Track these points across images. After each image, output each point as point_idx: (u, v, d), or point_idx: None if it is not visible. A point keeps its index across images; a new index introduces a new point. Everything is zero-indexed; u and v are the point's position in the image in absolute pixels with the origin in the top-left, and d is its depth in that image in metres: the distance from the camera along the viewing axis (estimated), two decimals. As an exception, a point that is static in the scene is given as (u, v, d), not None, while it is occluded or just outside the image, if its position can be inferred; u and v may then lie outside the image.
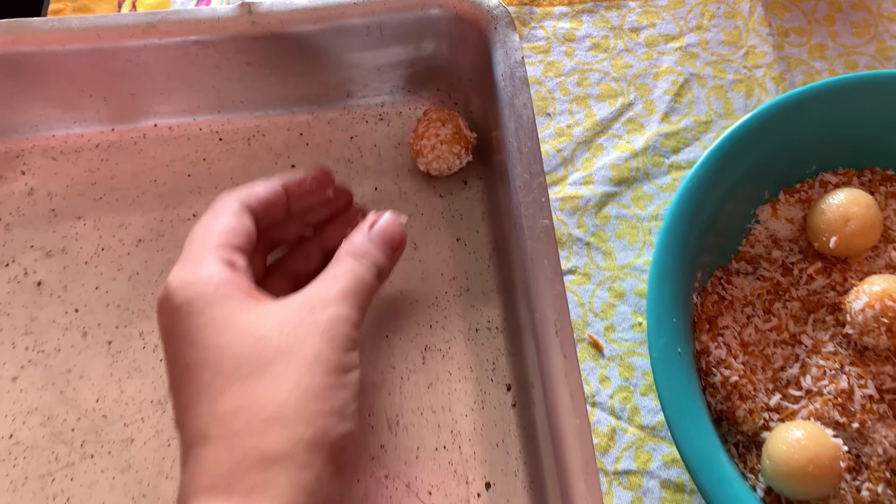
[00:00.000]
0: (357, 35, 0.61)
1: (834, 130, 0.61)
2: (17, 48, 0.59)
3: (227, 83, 0.63)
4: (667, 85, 0.68)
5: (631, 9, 0.71)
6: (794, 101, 0.59)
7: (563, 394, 0.49)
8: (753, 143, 0.58)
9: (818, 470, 0.49)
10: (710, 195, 0.57)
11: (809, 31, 0.70)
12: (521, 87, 0.56)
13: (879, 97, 0.60)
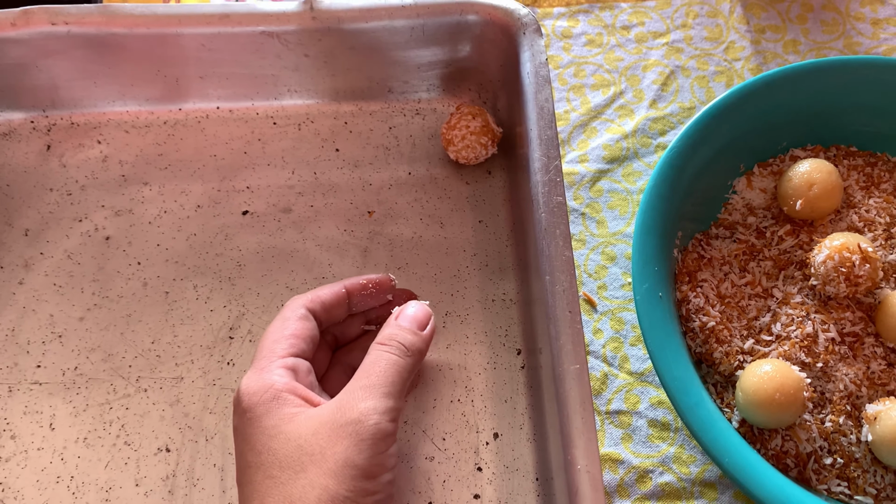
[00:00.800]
0: (402, 35, 0.54)
1: (801, 109, 0.52)
2: (109, 29, 0.53)
3: (284, 72, 0.56)
4: (654, 76, 0.59)
5: (622, 9, 0.61)
6: (764, 82, 0.51)
7: (567, 342, 0.43)
8: (729, 120, 0.51)
9: (784, 398, 0.43)
10: (689, 163, 0.49)
11: (784, 29, 0.60)
12: (544, 85, 0.49)
13: (840, 80, 0.52)
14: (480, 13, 0.51)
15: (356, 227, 0.54)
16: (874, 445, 0.43)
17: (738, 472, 0.41)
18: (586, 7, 0.61)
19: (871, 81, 0.51)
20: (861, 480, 0.44)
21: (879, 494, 0.44)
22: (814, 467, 0.44)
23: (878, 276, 0.45)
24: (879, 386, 0.45)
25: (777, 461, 0.44)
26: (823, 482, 0.44)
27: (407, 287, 0.52)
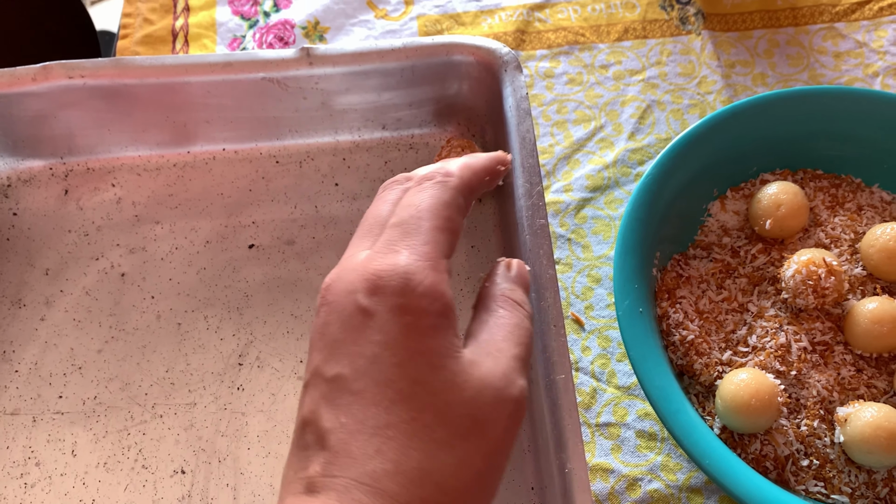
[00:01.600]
0: (394, 76, 0.57)
1: (768, 137, 0.56)
2: (121, 80, 0.56)
3: (285, 114, 0.60)
4: (632, 110, 0.63)
5: (601, 49, 0.66)
6: (731, 113, 0.54)
7: (553, 354, 0.45)
8: (699, 148, 0.54)
9: (759, 403, 0.46)
10: (664, 189, 0.53)
11: (752, 63, 0.64)
12: (525, 117, 0.52)
13: (804, 109, 0.56)
14: (466, 53, 0.55)
15: (356, 258, 0.57)
16: (846, 446, 0.46)
17: (719, 473, 0.44)
18: (566, 49, 0.66)
19: (833, 109, 0.55)
20: (836, 480, 0.46)
21: (854, 493, 0.46)
22: (792, 469, 0.47)
23: (843, 287, 0.49)
24: (850, 391, 0.48)
25: (757, 464, 0.47)
26: (801, 483, 0.47)
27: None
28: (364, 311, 0.31)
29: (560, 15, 0.67)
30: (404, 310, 0.31)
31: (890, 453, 0.44)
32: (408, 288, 0.31)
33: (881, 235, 0.50)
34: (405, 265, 0.32)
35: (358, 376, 0.31)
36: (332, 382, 0.31)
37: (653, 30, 0.66)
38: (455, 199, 0.35)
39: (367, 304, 0.31)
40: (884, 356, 0.49)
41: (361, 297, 0.32)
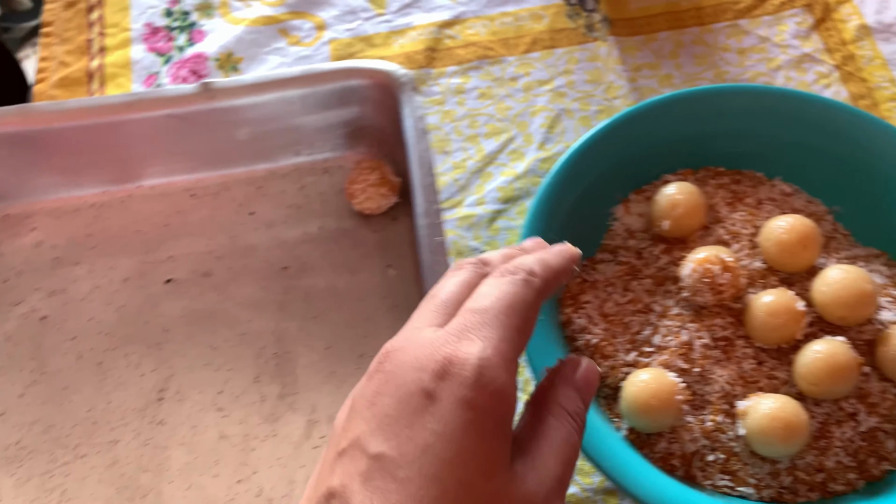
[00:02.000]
0: (296, 104, 0.59)
1: (668, 138, 0.57)
2: (28, 126, 0.58)
3: (197, 147, 0.61)
4: (542, 120, 0.64)
5: (510, 62, 0.67)
6: (629, 117, 0.55)
7: None
8: (596, 155, 0.55)
9: (659, 403, 0.47)
10: (563, 198, 0.53)
11: (658, 66, 0.66)
12: (423, 136, 0.54)
13: (701, 108, 0.56)
14: (365, 77, 0.56)
15: (272, 283, 0.58)
16: (747, 439, 0.47)
17: (617, 473, 0.44)
18: (476, 63, 0.67)
19: (730, 107, 0.56)
20: (742, 473, 0.47)
21: (759, 484, 0.47)
22: (698, 465, 0.48)
23: (740, 283, 0.49)
24: (752, 383, 0.49)
25: (664, 463, 0.48)
26: (709, 478, 0.47)
27: (322, 334, 0.56)
28: (427, 394, 0.30)
29: (470, 31, 0.68)
30: (470, 405, 0.29)
31: (787, 443, 0.45)
32: (479, 383, 0.30)
33: (776, 228, 0.50)
34: (480, 358, 0.30)
35: (404, 463, 0.29)
36: (374, 460, 0.29)
37: (560, 39, 0.67)
38: (536, 302, 0.34)
39: (432, 387, 0.30)
40: (783, 347, 0.49)
41: (427, 378, 0.30)
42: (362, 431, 0.30)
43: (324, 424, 0.53)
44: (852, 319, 0.48)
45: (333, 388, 0.54)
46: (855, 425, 0.48)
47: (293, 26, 0.70)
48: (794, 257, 0.50)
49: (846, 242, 0.55)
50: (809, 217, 0.56)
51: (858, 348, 0.50)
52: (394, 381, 0.30)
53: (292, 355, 0.55)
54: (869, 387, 0.48)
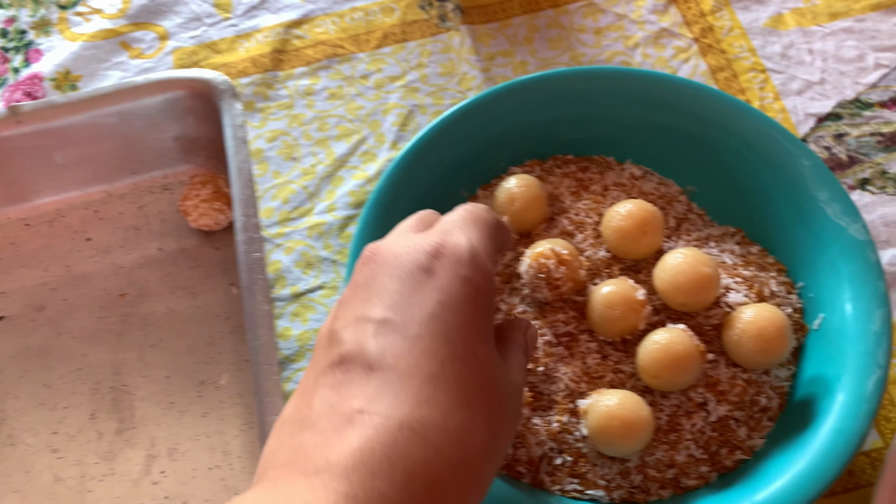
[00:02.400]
0: (114, 121, 0.55)
1: (512, 128, 0.54)
2: None
3: (23, 175, 0.58)
4: (394, 118, 0.61)
5: (360, 59, 0.64)
6: (465, 110, 0.53)
7: (265, 395, 0.43)
8: (435, 151, 0.52)
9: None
10: (398, 201, 0.51)
11: (513, 52, 0.63)
12: (241, 146, 0.51)
13: (543, 95, 0.54)
14: (182, 88, 0.53)
15: (109, 313, 0.55)
16: (590, 439, 0.44)
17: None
18: (326, 63, 0.64)
19: (571, 91, 0.53)
20: (591, 475, 0.45)
21: (609, 485, 0.45)
22: (546, 469, 0.46)
23: (579, 276, 0.47)
24: (597, 379, 0.47)
25: (510, 470, 0.46)
26: (557, 483, 0.45)
27: (162, 363, 0.53)
28: (425, 270, 0.31)
29: (318, 29, 0.65)
30: (467, 281, 0.32)
31: (628, 441, 0.43)
32: (473, 263, 0.32)
33: (615, 216, 0.48)
34: (470, 244, 0.33)
35: (413, 325, 0.30)
36: (381, 324, 0.30)
37: (412, 31, 0.65)
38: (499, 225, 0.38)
39: (429, 264, 0.32)
40: (628, 339, 0.47)
41: (423, 257, 0.32)
42: (360, 307, 0.31)
43: (163, 458, 0.50)
44: (694, 305, 0.46)
45: (173, 419, 0.51)
46: (705, 415, 0.46)
47: (135, 38, 0.66)
48: (635, 244, 0.48)
49: (700, 223, 0.53)
50: (661, 199, 0.54)
51: (707, 334, 0.48)
52: (388, 265, 0.32)
53: (130, 388, 0.52)
54: (717, 374, 0.46)
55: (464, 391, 0.30)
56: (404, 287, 0.31)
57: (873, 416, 0.42)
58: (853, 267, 0.47)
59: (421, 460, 0.27)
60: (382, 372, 0.29)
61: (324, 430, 0.28)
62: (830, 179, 0.49)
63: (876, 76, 0.61)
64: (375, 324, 0.30)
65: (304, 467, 0.27)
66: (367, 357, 0.30)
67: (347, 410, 0.28)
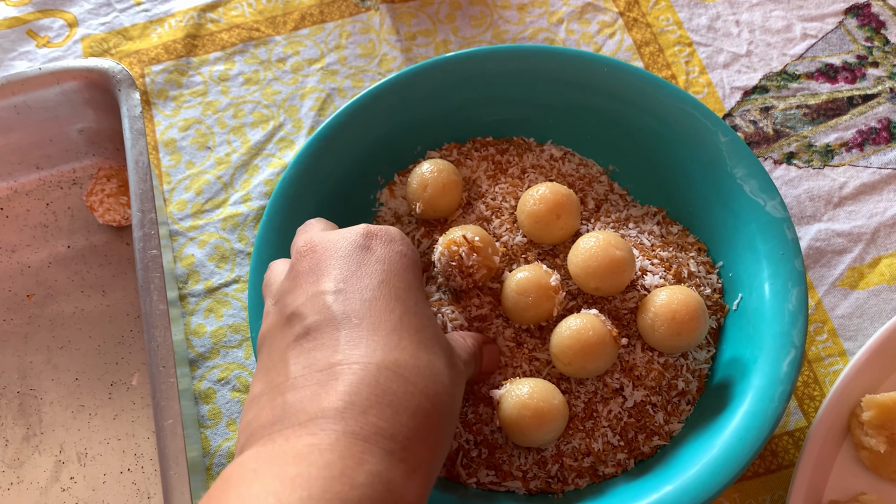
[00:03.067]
0: (10, 115, 0.52)
1: (425, 112, 0.52)
2: None
3: None
4: (311, 102, 0.60)
5: (277, 42, 0.62)
6: (374, 95, 0.51)
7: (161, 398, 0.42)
8: (343, 138, 0.50)
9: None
10: (308, 191, 0.49)
11: (434, 32, 0.62)
12: (139, 138, 0.48)
13: (456, 76, 0.52)
14: (78, 79, 0.50)
15: (15, 315, 0.53)
16: (504, 430, 0.43)
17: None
18: (241, 47, 0.62)
19: (486, 72, 0.52)
20: (507, 466, 0.44)
21: (526, 475, 0.44)
22: (463, 462, 0.45)
23: (493, 262, 0.46)
24: (514, 367, 0.46)
25: (426, 465, 0.45)
26: (473, 475, 0.44)
27: (71, 365, 0.51)
28: (364, 248, 0.35)
29: (234, 12, 0.63)
30: (403, 255, 0.36)
31: (540, 431, 0.42)
32: (404, 242, 0.37)
33: (529, 200, 0.47)
34: (396, 230, 0.37)
35: (367, 290, 0.34)
36: (338, 293, 0.34)
37: (331, 12, 0.63)
38: None
39: (366, 243, 0.36)
40: (544, 325, 0.46)
41: (361, 239, 0.36)
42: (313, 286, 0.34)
43: (73, 464, 0.48)
44: (608, 289, 0.45)
45: (82, 423, 0.49)
46: (622, 401, 0.45)
47: (42, 26, 0.64)
48: (549, 227, 0.47)
49: (622, 203, 0.52)
50: (581, 180, 0.53)
51: (623, 318, 0.47)
52: (328, 251, 0.35)
53: (38, 392, 0.50)
54: (633, 359, 0.45)
55: (423, 338, 0.33)
56: (349, 264, 0.35)
57: (788, 398, 0.42)
58: (770, 245, 0.46)
59: (402, 394, 0.31)
60: (352, 329, 0.32)
61: (307, 386, 0.31)
62: (748, 155, 0.48)
63: (803, 47, 0.60)
64: (332, 294, 0.33)
65: (297, 419, 0.30)
66: (332, 322, 0.32)
67: (326, 365, 0.31)
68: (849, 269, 0.53)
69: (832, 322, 0.52)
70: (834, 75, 0.59)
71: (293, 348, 0.32)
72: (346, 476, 0.28)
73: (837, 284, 0.53)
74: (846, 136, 0.57)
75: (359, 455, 0.28)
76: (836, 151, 0.56)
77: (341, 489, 0.27)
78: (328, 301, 0.33)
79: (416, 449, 0.30)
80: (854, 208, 0.55)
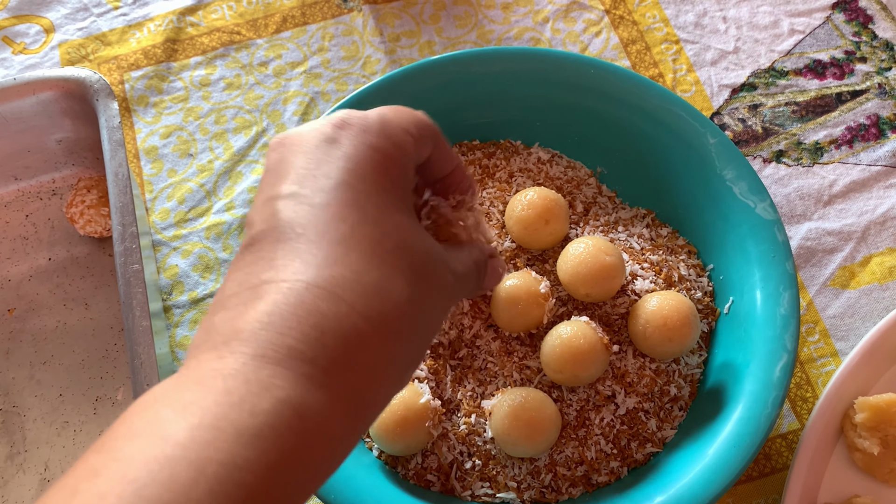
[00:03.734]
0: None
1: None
2: None
3: None
4: (294, 107, 0.59)
5: (259, 45, 0.61)
6: (357, 99, 0.49)
7: None
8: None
9: (408, 426, 0.43)
10: None
11: (418, 32, 0.61)
12: (118, 149, 0.48)
13: (441, 79, 0.52)
14: (54, 89, 0.49)
15: (-4, 331, 0.52)
16: (496, 441, 0.43)
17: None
18: (222, 51, 0.61)
19: (472, 74, 0.51)
20: (501, 477, 0.44)
21: (520, 486, 0.44)
22: (457, 475, 0.44)
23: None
24: (505, 377, 0.45)
25: (420, 479, 0.44)
26: (468, 488, 0.44)
27: (54, 381, 0.50)
28: (330, 140, 0.31)
29: (214, 15, 0.62)
30: (374, 147, 0.31)
31: (533, 441, 0.42)
32: (382, 132, 0.31)
33: (517, 205, 0.47)
34: (380, 114, 0.32)
35: (320, 193, 0.30)
36: (289, 198, 0.30)
37: (313, 14, 0.62)
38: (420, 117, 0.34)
39: (334, 135, 0.31)
40: (534, 333, 0.46)
41: (329, 129, 0.31)
42: (270, 190, 0.30)
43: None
44: (598, 295, 0.45)
45: (67, 440, 0.49)
46: (614, 409, 0.45)
47: (18, 32, 0.63)
48: (537, 233, 0.47)
49: (610, 206, 0.52)
50: (569, 183, 0.52)
51: (614, 324, 0.46)
52: (294, 145, 0.31)
53: (20, 409, 0.50)
54: (625, 365, 0.45)
55: (377, 252, 0.29)
56: (310, 161, 0.31)
57: (781, 404, 0.41)
58: (761, 248, 0.45)
59: (332, 315, 0.27)
60: (290, 242, 0.29)
61: (234, 306, 0.28)
62: (737, 156, 0.47)
63: (790, 42, 0.60)
64: (283, 199, 0.30)
65: (213, 342, 0.27)
66: (274, 232, 0.29)
67: (255, 283, 0.28)
68: (840, 268, 0.53)
69: (824, 322, 0.52)
70: (822, 71, 0.58)
71: (238, 260, 0.30)
72: (247, 402, 0.25)
73: (829, 284, 0.52)
74: (835, 132, 0.57)
75: (267, 380, 0.26)
76: (825, 149, 0.56)
77: (238, 417, 0.25)
78: (277, 207, 0.30)
79: (343, 375, 0.27)
80: (844, 206, 0.54)
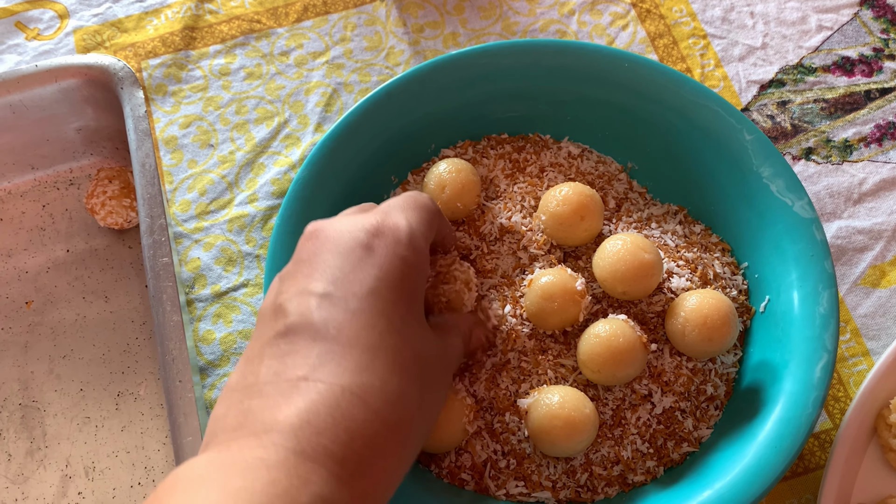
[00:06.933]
0: (6, 114, 0.51)
1: (439, 109, 0.51)
2: None
3: None
4: (317, 98, 0.58)
5: (279, 35, 0.60)
6: (387, 92, 0.49)
7: (178, 415, 0.40)
8: (358, 136, 0.49)
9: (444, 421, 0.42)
10: (322, 190, 0.47)
11: (442, 24, 0.60)
12: (144, 139, 0.47)
13: (471, 72, 0.51)
14: (77, 76, 0.48)
15: (14, 323, 0.51)
16: (532, 440, 0.43)
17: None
18: (242, 40, 0.60)
19: (501, 67, 0.50)
20: (536, 476, 0.43)
21: (556, 485, 0.43)
22: (491, 473, 0.44)
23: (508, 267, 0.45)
24: (539, 375, 0.44)
25: (453, 478, 0.44)
26: (502, 487, 0.43)
27: (74, 375, 0.50)
28: (366, 247, 0.34)
29: (234, 2, 0.61)
30: (404, 260, 0.35)
31: (571, 441, 0.41)
32: (411, 244, 0.35)
33: (551, 200, 0.46)
34: (409, 225, 0.36)
35: (353, 299, 0.33)
36: (324, 298, 0.33)
37: (335, 3, 0.61)
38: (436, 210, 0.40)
39: (369, 241, 0.34)
40: (569, 331, 0.45)
41: (364, 235, 0.35)
42: (305, 280, 0.33)
43: (80, 479, 0.47)
44: (635, 293, 0.44)
45: (89, 435, 0.48)
46: (650, 408, 0.44)
47: (31, 17, 0.61)
48: (572, 230, 0.46)
49: (641, 202, 0.51)
50: (600, 178, 0.52)
51: (650, 322, 0.46)
52: (330, 241, 0.35)
53: (40, 404, 0.49)
54: (661, 364, 0.44)
55: (399, 361, 0.33)
56: (345, 263, 0.34)
57: (822, 404, 0.41)
58: (798, 246, 0.45)
59: (361, 420, 0.31)
60: (325, 342, 0.32)
61: (270, 395, 0.31)
62: (774, 154, 0.47)
63: (818, 39, 0.59)
64: (318, 297, 0.33)
65: (253, 429, 0.30)
66: (310, 328, 0.32)
67: (292, 377, 0.31)
68: (870, 266, 0.53)
69: (855, 321, 0.51)
70: (851, 68, 0.58)
71: (271, 345, 0.32)
72: (289, 495, 0.28)
73: (859, 283, 0.52)
74: (864, 130, 0.56)
75: (305, 475, 0.29)
76: (854, 147, 0.56)
77: None
78: (312, 304, 0.33)
79: (365, 476, 0.31)
80: (874, 205, 0.54)
